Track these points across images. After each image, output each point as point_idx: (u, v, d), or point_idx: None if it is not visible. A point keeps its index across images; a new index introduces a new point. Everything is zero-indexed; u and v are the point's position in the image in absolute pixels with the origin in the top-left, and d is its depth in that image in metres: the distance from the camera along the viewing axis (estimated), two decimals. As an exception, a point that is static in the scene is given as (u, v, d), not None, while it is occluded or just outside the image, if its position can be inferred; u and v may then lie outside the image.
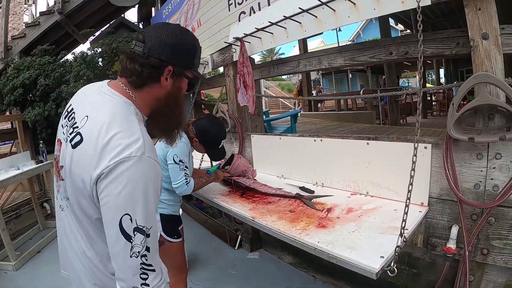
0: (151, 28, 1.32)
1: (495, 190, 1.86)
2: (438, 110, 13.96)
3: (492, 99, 1.74)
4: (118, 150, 1.09)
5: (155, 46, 1.25)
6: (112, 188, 1.07)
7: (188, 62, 1.35)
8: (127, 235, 1.09)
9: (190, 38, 1.37)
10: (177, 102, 1.40)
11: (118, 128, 1.13)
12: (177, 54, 1.29)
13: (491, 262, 1.93)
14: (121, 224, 1.08)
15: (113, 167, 1.07)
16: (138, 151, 1.11)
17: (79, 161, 1.13)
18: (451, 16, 11.79)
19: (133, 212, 1.09)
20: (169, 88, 1.32)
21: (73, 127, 1.19)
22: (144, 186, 1.12)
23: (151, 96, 1.31)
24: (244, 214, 2.29)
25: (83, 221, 1.21)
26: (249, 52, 3.39)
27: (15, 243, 4.73)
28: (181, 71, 1.33)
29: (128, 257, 1.10)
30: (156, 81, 1.28)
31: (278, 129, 6.43)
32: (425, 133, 6.34)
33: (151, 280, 1.14)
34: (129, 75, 1.27)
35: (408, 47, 2.38)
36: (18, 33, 7.74)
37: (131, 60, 1.25)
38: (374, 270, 1.43)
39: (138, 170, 1.10)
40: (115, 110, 1.19)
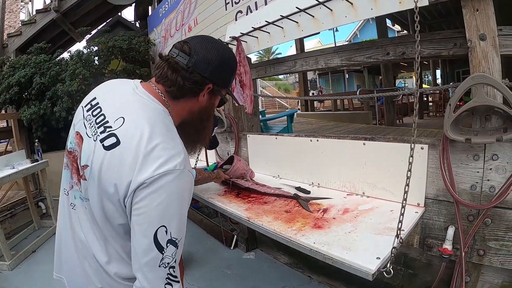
0: (196, 41, 1.30)
1: (492, 191, 1.86)
2: (435, 110, 14.01)
3: (489, 100, 1.74)
4: (162, 161, 1.08)
5: (200, 62, 1.25)
6: (152, 199, 1.06)
7: (226, 82, 1.38)
8: (160, 246, 1.08)
9: (233, 59, 1.40)
10: (209, 117, 1.44)
11: (161, 138, 1.12)
12: (219, 73, 1.30)
13: (487, 263, 1.93)
14: (156, 235, 1.07)
15: (156, 178, 1.06)
16: (181, 165, 1.11)
17: (114, 165, 1.10)
18: (448, 17, 11.84)
19: (169, 224, 1.09)
20: (204, 104, 1.34)
21: (104, 126, 1.16)
22: (182, 200, 1.13)
23: (185, 108, 1.33)
24: (240, 214, 2.28)
25: (103, 225, 1.18)
26: (246, 51, 3.38)
27: (10, 243, 4.71)
28: (219, 89, 1.35)
29: (157, 267, 1.09)
30: (194, 96, 1.30)
31: (274, 128, 6.42)
32: (421, 133, 6.35)
33: None
34: (168, 85, 1.26)
35: (405, 47, 2.37)
36: (14, 31, 7.73)
37: (174, 70, 1.25)
38: (370, 271, 1.42)
39: (179, 184, 1.10)
40: (156, 117, 1.18)
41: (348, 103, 15.07)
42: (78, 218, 1.25)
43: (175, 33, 5.49)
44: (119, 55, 6.40)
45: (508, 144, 1.79)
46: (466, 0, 1.86)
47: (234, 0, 3.61)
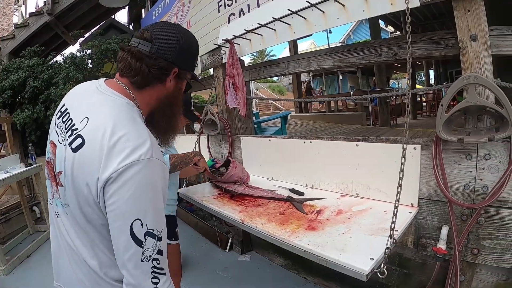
0: (157, 27, 1.28)
1: (485, 190, 1.87)
2: (428, 110, 14.06)
3: (481, 100, 1.74)
4: (127, 152, 1.05)
5: (163, 47, 1.23)
6: (122, 193, 1.04)
7: (191, 64, 1.36)
8: (138, 240, 1.06)
9: (194, 41, 1.37)
10: (178, 103, 1.40)
11: (124, 130, 1.09)
12: (183, 57, 1.29)
13: (481, 262, 1.94)
14: (131, 230, 1.05)
15: (122, 171, 1.03)
16: (147, 154, 1.07)
17: (83, 165, 1.08)
18: (441, 18, 11.88)
19: (143, 217, 1.07)
20: (171, 89, 1.31)
21: (72, 129, 1.14)
22: (154, 189, 1.10)
23: (153, 96, 1.29)
24: (234, 216, 2.28)
25: (86, 228, 1.16)
26: (238, 54, 3.38)
27: (4, 248, 4.68)
28: (184, 72, 1.33)
29: (139, 262, 1.07)
30: (160, 82, 1.27)
31: (268, 130, 6.42)
32: (415, 133, 6.39)
33: (162, 284, 1.11)
34: (133, 75, 1.23)
35: (397, 48, 2.38)
36: (7, 34, 7.69)
37: (137, 59, 1.22)
38: (364, 272, 1.43)
39: (147, 174, 1.07)
40: (118, 111, 1.15)
41: (342, 104, 15.11)
42: (63, 226, 1.23)
43: (169, 35, 5.47)
44: (113, 58, 6.38)
45: (500, 144, 1.80)
46: (458, 1, 1.87)
47: (227, 3, 3.61)
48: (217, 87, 4.03)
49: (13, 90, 5.98)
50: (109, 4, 6.77)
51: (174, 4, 5.06)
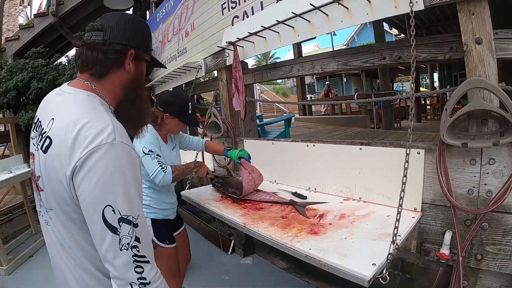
0: (105, 17, 1.29)
1: (489, 195, 1.85)
2: (432, 114, 14.00)
3: (486, 104, 1.73)
4: (88, 140, 1.05)
5: (115, 32, 1.24)
6: (88, 181, 1.04)
7: (146, 45, 1.36)
8: (113, 227, 1.05)
9: (144, 23, 1.39)
10: (141, 86, 1.41)
11: (86, 119, 1.09)
12: (136, 37, 1.30)
13: (485, 267, 1.93)
14: (104, 217, 1.05)
15: (85, 159, 1.03)
16: (108, 138, 1.07)
17: (53, 164, 1.09)
18: (446, 20, 11.84)
19: (114, 203, 1.06)
20: (132, 73, 1.31)
21: (41, 134, 1.16)
22: (121, 173, 1.08)
23: (115, 83, 1.29)
24: (236, 220, 2.27)
25: (71, 229, 1.16)
26: (242, 56, 3.38)
27: (7, 247, 4.69)
28: (141, 53, 1.33)
29: (119, 251, 1.06)
30: (120, 66, 1.27)
31: (271, 133, 6.40)
32: (418, 137, 6.34)
33: (147, 273, 1.10)
34: (91, 66, 1.24)
35: (401, 52, 2.37)
36: (12, 35, 7.72)
37: (92, 50, 1.23)
38: (366, 278, 1.42)
39: (111, 158, 1.06)
40: (79, 104, 1.16)
41: (346, 107, 15.07)
42: (53, 232, 1.23)
43: (172, 38, 5.49)
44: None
45: (505, 148, 1.78)
46: (462, 4, 1.85)
47: (231, 5, 3.61)
48: (220, 89, 4.03)
49: (18, 91, 6.01)
50: (114, 5, 6.78)
51: (178, 6, 5.06)
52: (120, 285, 1.09)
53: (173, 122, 2.59)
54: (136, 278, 1.08)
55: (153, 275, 1.13)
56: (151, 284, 1.11)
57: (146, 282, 1.10)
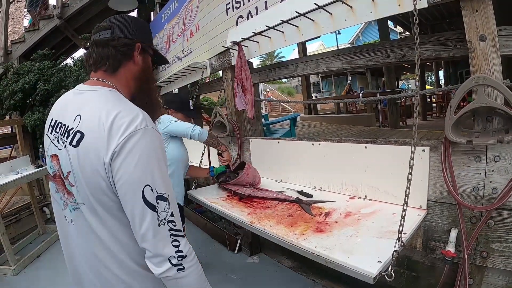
0: (110, 18, 1.37)
1: (494, 192, 1.85)
2: (438, 111, 13.94)
3: (490, 102, 1.73)
4: (124, 127, 1.13)
5: (121, 28, 1.33)
6: (127, 164, 1.12)
7: (149, 38, 1.46)
8: (152, 205, 1.14)
9: (144, 21, 1.51)
10: (150, 77, 1.49)
11: (117, 110, 1.17)
12: (141, 31, 1.39)
13: (490, 265, 1.93)
14: (144, 196, 1.13)
15: (123, 144, 1.11)
16: (141, 124, 1.15)
17: (88, 155, 1.15)
18: (450, 18, 11.79)
19: (152, 182, 1.14)
20: (141, 64, 1.40)
21: (68, 131, 1.22)
22: (156, 155, 1.18)
23: (128, 76, 1.37)
24: (242, 219, 2.28)
25: (106, 220, 1.21)
26: (247, 56, 3.39)
27: (15, 248, 4.72)
28: (147, 47, 1.42)
29: (157, 227, 1.14)
30: (130, 58, 1.36)
31: (277, 132, 6.40)
32: (424, 135, 6.32)
33: (183, 246, 1.18)
34: (104, 62, 1.32)
35: (405, 50, 2.37)
36: (18, 38, 7.77)
37: (103, 46, 1.31)
38: (372, 275, 1.42)
39: (146, 141, 1.15)
40: (104, 98, 1.24)
41: (351, 105, 15.04)
42: (81, 229, 1.26)
43: (177, 38, 5.50)
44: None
45: (510, 145, 1.78)
46: (466, 1, 1.86)
47: (235, 5, 3.62)
48: (226, 89, 4.04)
49: (24, 92, 6.05)
50: (118, 7, 6.82)
51: (183, 7, 5.07)
52: (157, 263, 1.15)
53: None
54: (174, 252, 1.15)
55: (188, 248, 1.20)
56: (187, 257, 1.18)
57: (183, 255, 1.17)
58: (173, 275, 1.16)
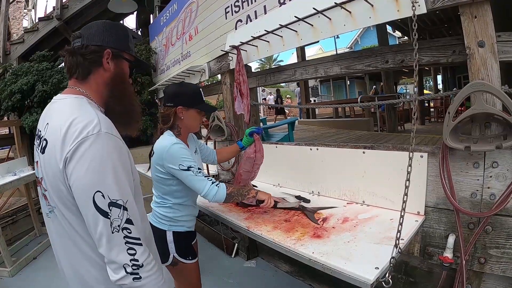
0: (86, 26, 1.41)
1: (492, 198, 1.85)
2: (436, 116, 13.96)
3: (488, 108, 1.73)
4: (77, 133, 1.14)
5: (91, 36, 1.35)
6: (78, 169, 1.13)
7: (123, 44, 1.44)
8: (103, 212, 1.13)
9: (120, 26, 1.49)
10: (124, 83, 1.47)
11: (74, 116, 1.19)
12: (111, 37, 1.39)
13: (488, 271, 1.92)
14: (95, 202, 1.13)
15: (74, 149, 1.12)
16: (94, 129, 1.16)
17: (50, 161, 1.19)
18: (449, 23, 11.83)
19: (104, 188, 1.14)
20: (112, 70, 1.40)
21: (40, 139, 1.28)
22: (110, 161, 1.17)
23: (99, 82, 1.38)
24: (239, 223, 2.27)
25: (72, 221, 1.23)
26: (245, 60, 3.39)
27: (11, 249, 4.71)
28: (118, 52, 1.41)
29: (111, 234, 1.14)
30: (99, 65, 1.36)
31: (275, 136, 6.40)
32: (422, 140, 6.33)
33: (139, 255, 1.17)
34: (74, 70, 1.35)
35: (404, 55, 2.37)
36: (17, 38, 7.77)
37: (73, 55, 1.34)
38: (369, 282, 1.42)
39: (98, 146, 1.15)
40: (68, 106, 1.26)
41: (350, 109, 15.05)
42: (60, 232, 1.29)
43: (176, 41, 5.50)
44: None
45: (508, 151, 1.78)
46: (464, 7, 1.86)
47: (234, 9, 3.62)
48: (224, 93, 4.04)
49: (22, 94, 6.04)
50: (118, 9, 6.83)
51: (182, 10, 5.08)
52: (114, 269, 1.16)
53: (190, 114, 2.29)
54: (129, 260, 1.15)
55: (146, 258, 1.19)
56: (144, 267, 1.18)
57: (138, 264, 1.17)
58: (129, 283, 1.16)
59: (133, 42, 1.52)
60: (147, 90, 6.58)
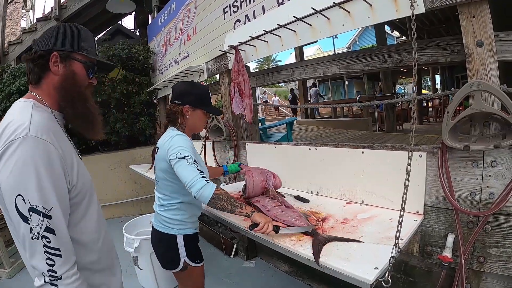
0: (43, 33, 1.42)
1: (491, 198, 1.85)
2: (434, 116, 13.99)
3: (487, 107, 1.73)
4: (7, 136, 1.15)
5: (40, 42, 1.37)
6: (4, 171, 1.13)
7: (72, 44, 1.40)
8: (24, 216, 1.12)
9: (71, 25, 1.46)
10: (76, 85, 1.41)
11: (10, 119, 1.21)
12: (59, 40, 1.37)
13: (487, 270, 1.92)
14: (16, 206, 1.12)
15: (2, 151, 1.13)
16: (22, 132, 1.15)
17: None
18: (447, 22, 11.85)
19: (25, 192, 1.12)
20: (61, 73, 1.37)
21: None
22: (33, 165, 1.14)
23: (50, 87, 1.37)
24: (239, 224, 2.26)
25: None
26: (244, 60, 3.39)
27: (9, 250, 4.68)
28: (67, 53, 1.38)
29: (31, 240, 1.13)
30: (47, 69, 1.35)
31: (274, 136, 6.41)
32: (421, 139, 6.34)
33: (58, 267, 1.15)
34: (28, 77, 1.37)
35: (402, 55, 2.38)
36: (15, 39, 7.77)
37: (26, 63, 1.37)
38: (368, 282, 1.41)
39: (23, 150, 1.14)
40: (13, 109, 1.28)
41: (348, 109, 15.07)
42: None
43: (174, 42, 5.50)
44: (119, 63, 6.42)
45: (507, 150, 1.78)
46: (463, 7, 1.86)
47: (233, 9, 3.62)
48: (223, 93, 4.04)
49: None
50: (116, 10, 6.82)
51: (180, 10, 5.08)
52: (36, 275, 1.16)
53: (196, 114, 2.29)
54: (46, 270, 1.14)
55: (66, 271, 1.17)
56: (64, 280, 1.16)
57: (56, 276, 1.15)
58: None
59: (92, 41, 1.49)
60: (145, 90, 6.57)
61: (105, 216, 6.21)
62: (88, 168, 1.49)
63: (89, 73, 1.47)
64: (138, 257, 3.49)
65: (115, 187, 6.51)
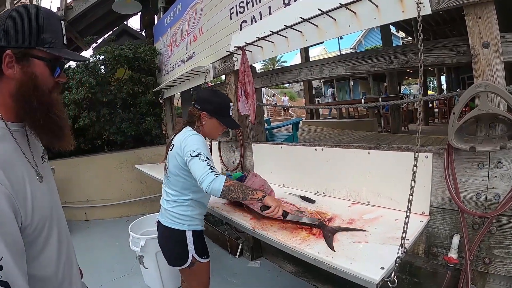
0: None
1: (497, 199, 1.85)
2: (440, 117, 13.94)
3: (493, 108, 1.73)
4: None
5: None
6: None
7: (31, 39, 1.10)
8: None
9: (29, 10, 1.11)
10: (37, 89, 1.13)
11: None
12: (10, 34, 1.07)
13: (493, 271, 1.92)
14: None
15: None
16: None
17: None
18: (453, 23, 11.81)
19: None
20: (18, 77, 1.09)
21: None
22: None
23: (4, 94, 1.10)
24: (245, 224, 2.28)
25: None
26: (250, 60, 3.40)
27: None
28: (24, 51, 1.09)
29: None
30: (1, 74, 1.08)
31: (279, 137, 6.41)
32: (426, 140, 6.33)
33: None
34: None
35: (409, 56, 2.38)
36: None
37: None
38: (375, 281, 1.42)
39: None
40: None
41: (354, 110, 15.05)
42: None
43: (181, 42, 5.51)
44: (125, 64, 6.45)
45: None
46: (469, 8, 1.86)
47: (239, 10, 3.63)
48: (229, 93, 4.05)
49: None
50: (122, 10, 6.85)
51: (187, 11, 5.09)
52: None
53: (211, 123, 2.35)
54: None
55: None
56: None
57: None
58: None
59: (57, 29, 1.18)
60: (151, 90, 6.59)
61: (111, 215, 6.32)
62: (94, 168, 1.41)
63: (54, 71, 1.18)
64: (143, 256, 3.51)
65: (120, 186, 6.54)
